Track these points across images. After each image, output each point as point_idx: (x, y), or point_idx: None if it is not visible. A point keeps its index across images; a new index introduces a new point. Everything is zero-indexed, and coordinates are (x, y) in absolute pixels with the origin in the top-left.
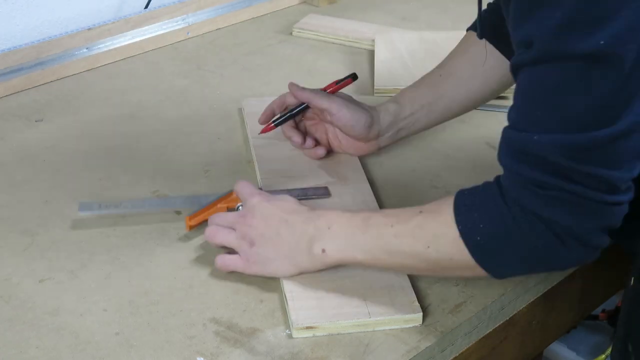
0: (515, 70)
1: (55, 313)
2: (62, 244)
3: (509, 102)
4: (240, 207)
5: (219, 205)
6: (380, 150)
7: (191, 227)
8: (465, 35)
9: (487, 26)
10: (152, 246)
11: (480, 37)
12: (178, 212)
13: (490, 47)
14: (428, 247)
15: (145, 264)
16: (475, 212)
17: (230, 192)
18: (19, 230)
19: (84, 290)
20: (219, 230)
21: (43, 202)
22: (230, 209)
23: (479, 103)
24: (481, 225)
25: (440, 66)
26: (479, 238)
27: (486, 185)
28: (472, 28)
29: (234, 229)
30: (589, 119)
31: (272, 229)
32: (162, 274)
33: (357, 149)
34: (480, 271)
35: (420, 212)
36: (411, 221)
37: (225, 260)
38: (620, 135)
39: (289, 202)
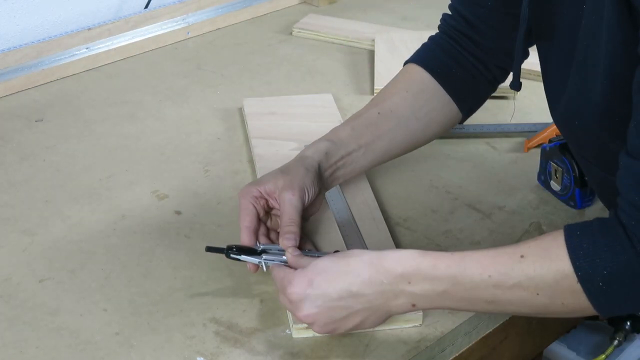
0: None
1: (55, 313)
2: (62, 244)
3: (508, 103)
4: None
5: (546, 134)
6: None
7: (529, 149)
8: (404, 69)
9: (435, 65)
10: (152, 246)
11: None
12: (178, 212)
13: (435, 86)
14: (537, 294)
15: (145, 264)
16: (598, 257)
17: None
18: (19, 230)
19: (84, 290)
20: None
21: (43, 202)
22: (557, 135)
23: (421, 144)
24: (605, 272)
25: (376, 103)
26: (601, 284)
27: (605, 225)
28: (413, 60)
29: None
30: None
31: (341, 311)
32: (162, 274)
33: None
34: (589, 311)
35: (522, 256)
36: (514, 270)
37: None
38: None
39: (326, 266)
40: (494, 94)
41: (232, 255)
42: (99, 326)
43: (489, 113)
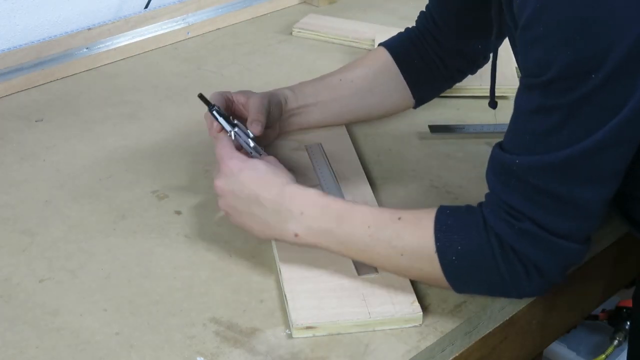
0: (520, 89)
1: (55, 313)
2: (62, 244)
3: (508, 103)
4: None
5: None
6: (366, 132)
7: None
8: (375, 49)
9: (400, 52)
10: (152, 246)
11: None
12: (178, 212)
13: (395, 70)
14: (401, 255)
15: (145, 264)
16: (456, 234)
17: None
18: (19, 230)
19: (84, 290)
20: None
21: (43, 202)
22: None
23: (373, 117)
24: (459, 247)
25: (341, 71)
26: (454, 258)
27: (470, 209)
28: (383, 44)
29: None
30: (565, 138)
31: (243, 206)
32: (162, 274)
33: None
34: (443, 283)
35: (399, 218)
36: (389, 227)
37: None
38: (595, 151)
39: (260, 170)
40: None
41: (214, 112)
42: (99, 326)
43: (489, 113)
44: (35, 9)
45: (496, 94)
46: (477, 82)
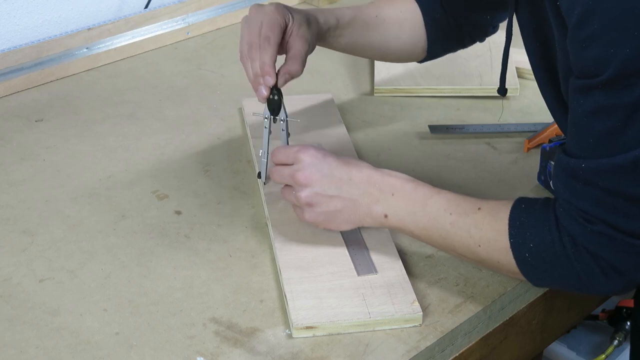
0: (577, 91)
1: (55, 313)
2: (62, 244)
3: (508, 103)
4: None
5: (546, 134)
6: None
7: (529, 149)
8: None
9: (429, 6)
10: (152, 246)
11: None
12: (178, 212)
13: (421, 22)
14: (479, 245)
15: (145, 264)
16: (528, 231)
17: (555, 122)
18: (19, 230)
19: (84, 290)
20: (284, 189)
21: (43, 202)
22: (557, 135)
23: (385, 59)
24: (531, 245)
25: (379, 7)
26: (527, 255)
27: (544, 206)
28: None
29: (292, 186)
30: (630, 138)
31: (332, 187)
32: (162, 274)
33: None
34: (521, 277)
35: (479, 209)
36: (469, 216)
37: (296, 212)
38: None
39: (347, 158)
40: (493, 94)
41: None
42: (99, 326)
43: (489, 113)
44: (35, 9)
45: (495, 95)
46: (477, 82)
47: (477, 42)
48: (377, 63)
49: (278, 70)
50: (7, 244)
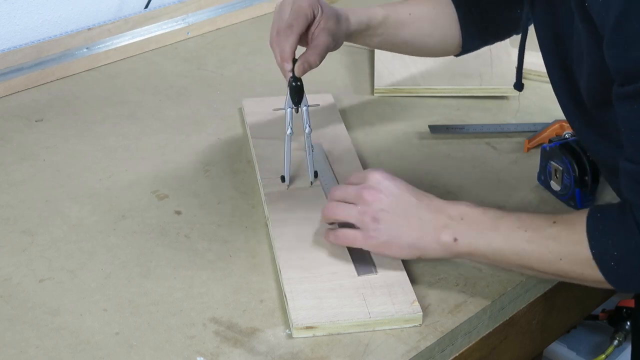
0: (627, 98)
1: (55, 313)
2: (62, 244)
3: (508, 103)
4: (567, 135)
5: (546, 134)
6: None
7: (529, 149)
8: None
9: (462, 2)
10: (152, 246)
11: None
12: (178, 212)
13: (455, 18)
14: (560, 259)
15: (145, 264)
16: (610, 239)
17: (555, 122)
18: (19, 230)
19: (84, 290)
20: (339, 205)
21: (43, 202)
22: (557, 135)
23: (419, 55)
24: (615, 253)
25: (412, 4)
26: (612, 263)
27: (620, 211)
28: None
29: (355, 204)
30: None
31: (400, 208)
32: (162, 274)
33: None
34: (608, 285)
35: (554, 222)
36: (545, 230)
37: (345, 234)
38: None
39: (413, 187)
40: (494, 94)
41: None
42: (99, 326)
43: (489, 113)
44: (35, 9)
45: (495, 95)
46: (477, 82)
47: (514, 35)
48: (377, 63)
49: (297, 59)
50: (7, 244)
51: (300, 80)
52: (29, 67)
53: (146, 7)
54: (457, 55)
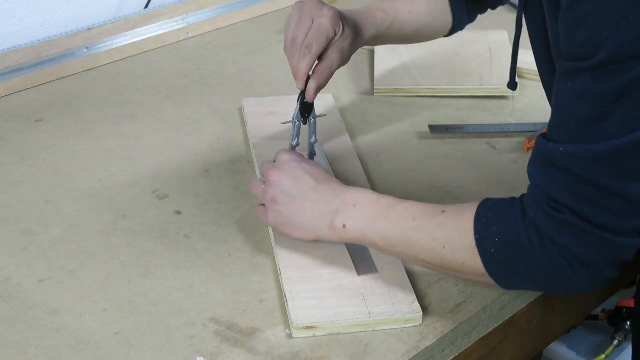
0: (565, 74)
1: (55, 313)
2: (62, 244)
3: (508, 103)
4: None
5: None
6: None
7: (529, 149)
8: None
9: None
10: (152, 246)
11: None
12: (178, 212)
13: (447, 3)
14: (444, 247)
15: (145, 264)
16: (494, 225)
17: None
18: (19, 230)
19: (84, 290)
20: (254, 182)
21: (43, 202)
22: None
23: (415, 42)
24: (497, 239)
25: (410, 2)
26: (493, 251)
27: (510, 201)
28: None
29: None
30: (614, 127)
31: (297, 190)
32: (162, 274)
33: None
34: (488, 280)
35: (444, 211)
36: (433, 219)
37: (258, 211)
38: None
39: (320, 170)
40: (494, 94)
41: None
42: (99, 326)
43: (489, 113)
44: (35, 9)
45: (495, 95)
46: (477, 82)
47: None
48: (377, 63)
49: (309, 77)
50: (7, 244)
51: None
52: (29, 67)
53: (146, 7)
54: (447, 36)
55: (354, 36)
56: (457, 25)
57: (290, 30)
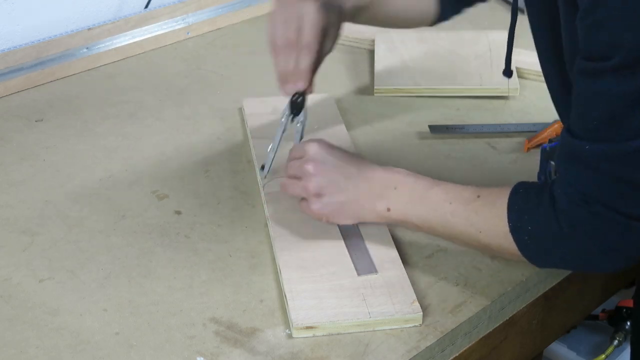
0: (585, 73)
1: (55, 313)
2: (62, 244)
3: (508, 103)
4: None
5: (546, 134)
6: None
7: (529, 149)
8: None
9: None
10: (152, 246)
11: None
12: (178, 212)
13: None
14: (480, 232)
15: (145, 264)
16: (526, 214)
17: (555, 122)
18: (19, 230)
19: (84, 290)
20: (289, 183)
21: (43, 202)
22: (557, 135)
23: (398, 26)
24: (529, 228)
25: None
26: (526, 238)
27: (541, 190)
28: None
29: (300, 178)
30: (637, 125)
31: (343, 177)
32: (162, 274)
33: None
34: (524, 259)
35: (478, 196)
36: (469, 204)
37: (303, 206)
38: None
39: (352, 154)
40: (494, 94)
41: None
42: (99, 326)
43: (489, 113)
44: (35, 9)
45: (495, 95)
46: (477, 82)
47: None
48: (377, 63)
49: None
50: (7, 244)
51: (304, 95)
52: (29, 67)
53: (146, 7)
54: (431, 25)
55: (338, 15)
56: (442, 14)
57: (277, 29)
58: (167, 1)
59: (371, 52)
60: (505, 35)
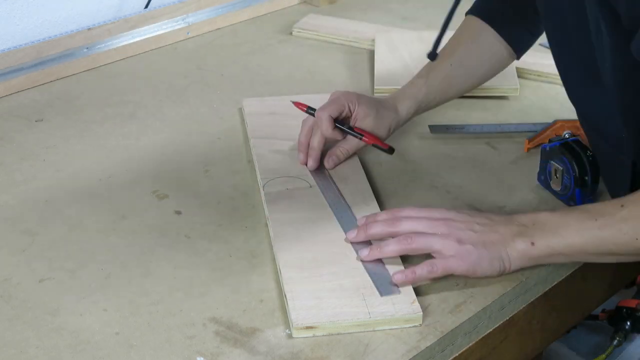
0: None
1: (55, 313)
2: (62, 244)
3: (508, 103)
4: (567, 135)
5: (546, 134)
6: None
7: (529, 149)
8: (466, 20)
9: (490, 12)
10: (152, 246)
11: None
12: (178, 212)
13: (492, 33)
14: (637, 239)
15: (145, 264)
16: None
17: (555, 122)
18: (19, 230)
19: (84, 290)
20: (415, 235)
21: (43, 202)
22: (557, 135)
23: (479, 85)
24: None
25: (448, 55)
26: None
27: None
28: (471, 12)
29: (424, 232)
30: None
31: (480, 224)
32: (162, 274)
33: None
34: None
35: (622, 205)
36: (615, 215)
37: (433, 263)
38: None
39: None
40: (494, 94)
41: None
42: (99, 326)
43: (489, 113)
44: (35, 9)
45: (495, 95)
46: None
47: None
48: (377, 63)
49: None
50: (7, 244)
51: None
52: (29, 67)
53: (146, 7)
54: (518, 59)
55: (375, 112)
56: (518, 46)
57: (310, 134)
58: (167, 1)
59: (371, 52)
60: None
